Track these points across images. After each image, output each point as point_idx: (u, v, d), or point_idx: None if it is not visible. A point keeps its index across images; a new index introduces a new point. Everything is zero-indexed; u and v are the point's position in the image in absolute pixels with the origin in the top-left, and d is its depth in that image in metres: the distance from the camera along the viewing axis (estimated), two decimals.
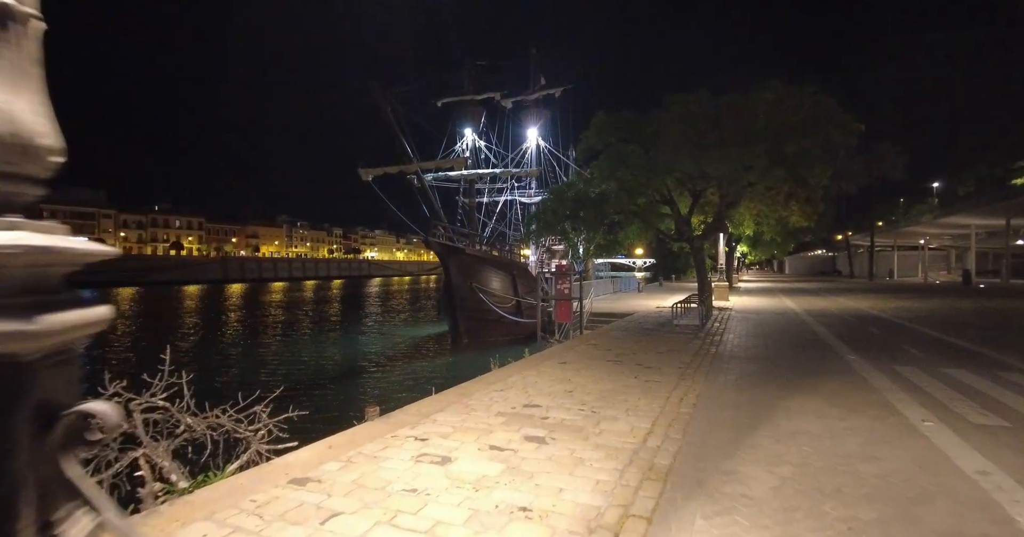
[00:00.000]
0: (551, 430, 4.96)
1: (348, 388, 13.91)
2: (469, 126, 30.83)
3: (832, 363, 8.42)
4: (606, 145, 16.94)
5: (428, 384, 13.20)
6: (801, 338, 11.50)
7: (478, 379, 7.35)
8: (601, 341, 11.21)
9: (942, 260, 63.14)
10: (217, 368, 17.06)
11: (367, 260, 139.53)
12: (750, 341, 11.06)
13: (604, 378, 7.30)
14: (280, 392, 5.97)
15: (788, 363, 8.49)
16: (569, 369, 8.01)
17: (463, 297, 24.53)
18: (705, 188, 18.06)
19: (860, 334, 12.09)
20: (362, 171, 24.04)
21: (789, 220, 25.79)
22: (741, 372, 7.76)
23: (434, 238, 23.65)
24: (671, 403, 5.94)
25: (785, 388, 6.65)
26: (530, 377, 7.44)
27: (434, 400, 6.25)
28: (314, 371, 16.63)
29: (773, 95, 13.58)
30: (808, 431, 4.86)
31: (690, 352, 9.57)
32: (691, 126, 15.13)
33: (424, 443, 4.66)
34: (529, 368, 8.13)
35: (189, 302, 47.05)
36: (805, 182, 18.51)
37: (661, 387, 6.73)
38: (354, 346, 22.58)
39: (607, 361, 8.68)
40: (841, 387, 6.68)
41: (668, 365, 8.26)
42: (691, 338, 11.50)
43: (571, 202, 16.14)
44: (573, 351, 9.82)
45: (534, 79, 36.78)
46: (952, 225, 41.10)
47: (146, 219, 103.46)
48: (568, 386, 6.84)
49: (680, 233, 18.02)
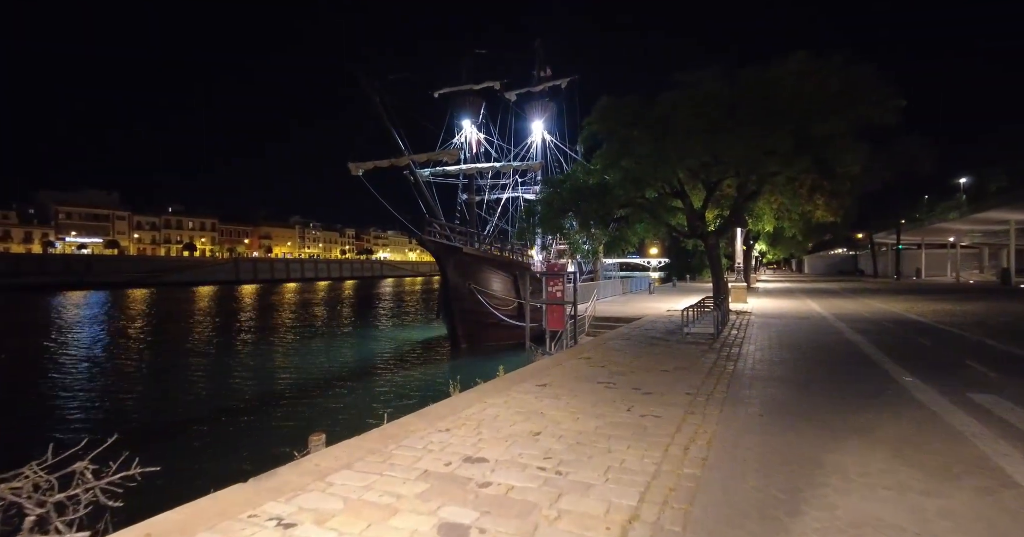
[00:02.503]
0: (485, 512, 3.29)
1: (304, 407, 12.25)
2: (468, 118, 29.18)
3: (884, 388, 6.62)
4: (610, 132, 15.23)
5: (404, 401, 11.59)
6: (836, 351, 9.66)
7: (425, 411, 5.72)
8: (597, 353, 9.50)
9: (973, 259, 60.13)
10: (144, 382, 15.52)
11: (379, 261, 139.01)
12: (774, 354, 9.27)
13: (588, 411, 5.61)
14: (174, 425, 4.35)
15: (826, 387, 6.71)
16: (547, 395, 6.33)
17: (461, 299, 22.98)
18: (720, 179, 16.25)
19: (906, 345, 10.21)
20: (352, 165, 22.59)
21: (813, 215, 23.85)
22: (766, 401, 6.01)
23: (429, 236, 22.11)
24: (671, 457, 4.23)
25: (829, 429, 4.90)
26: (492, 409, 5.78)
27: (350, 446, 4.62)
28: (273, 384, 14.99)
29: (798, 66, 11.72)
30: (882, 520, 3.13)
31: (702, 370, 7.83)
32: (704, 108, 13.35)
33: (286, 534, 3.04)
34: (496, 393, 6.47)
35: (190, 304, 46.17)
36: (832, 172, 16.61)
37: (661, 426, 5.03)
38: (340, 352, 21.10)
39: (597, 383, 6.98)
40: (909, 429, 4.91)
41: (673, 390, 6.54)
42: (704, 350, 9.74)
43: (568, 194, 14.41)
44: (560, 368, 8.13)
45: (539, 70, 35.08)
46: (988, 221, 38.52)
47: (159, 220, 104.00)
48: (537, 424, 5.17)
49: (693, 229, 16.22)
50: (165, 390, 14.56)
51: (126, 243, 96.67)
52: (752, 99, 12.27)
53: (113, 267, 78.61)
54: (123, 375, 16.32)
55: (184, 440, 10.01)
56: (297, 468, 4.14)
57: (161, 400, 13.37)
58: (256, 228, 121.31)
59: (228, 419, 11.38)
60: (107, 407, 12.50)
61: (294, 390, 14.09)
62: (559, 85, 34.52)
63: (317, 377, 15.97)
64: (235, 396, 13.59)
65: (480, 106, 29.63)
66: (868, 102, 11.45)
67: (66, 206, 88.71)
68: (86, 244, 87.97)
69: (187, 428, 10.71)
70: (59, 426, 10.82)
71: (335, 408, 12.03)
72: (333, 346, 22.43)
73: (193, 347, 22.01)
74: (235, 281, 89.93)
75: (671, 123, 13.80)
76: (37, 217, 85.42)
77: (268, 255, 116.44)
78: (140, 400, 13.36)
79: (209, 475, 7.53)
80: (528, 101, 34.83)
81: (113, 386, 14.84)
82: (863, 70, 11.51)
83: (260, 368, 17.54)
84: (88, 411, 12.13)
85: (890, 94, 11.56)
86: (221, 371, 17.01)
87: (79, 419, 11.44)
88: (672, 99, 13.89)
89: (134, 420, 11.61)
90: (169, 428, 10.87)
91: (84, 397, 13.43)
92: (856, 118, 11.67)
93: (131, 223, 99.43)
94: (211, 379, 15.81)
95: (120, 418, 11.55)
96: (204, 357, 19.73)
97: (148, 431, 10.77)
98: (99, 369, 17.26)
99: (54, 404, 12.64)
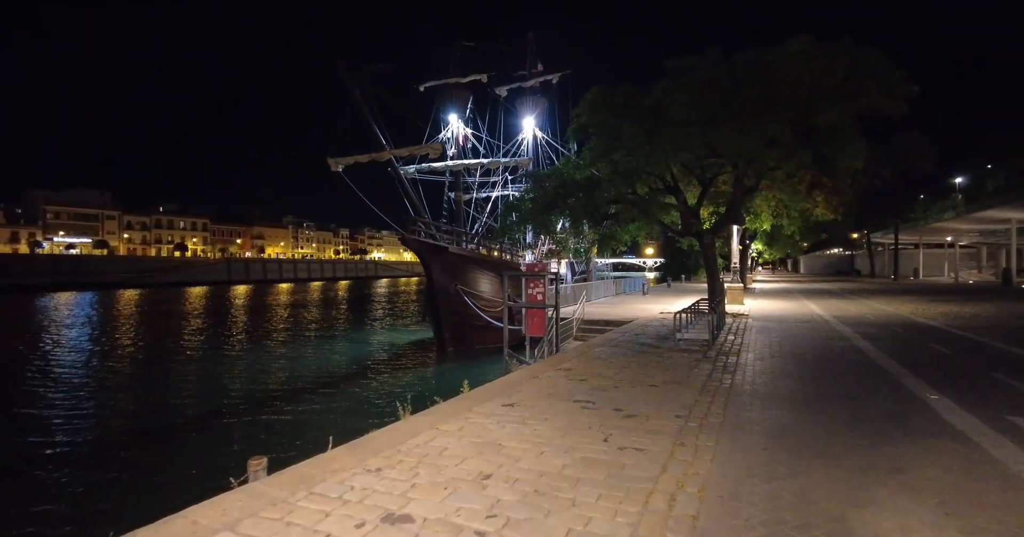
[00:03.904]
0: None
1: (260, 422, 11.17)
2: (455, 112, 28.12)
3: (908, 409, 5.67)
4: (600, 124, 14.27)
5: (365, 418, 10.39)
6: (845, 360, 8.71)
7: (359, 442, 4.73)
8: (579, 363, 8.54)
9: (971, 259, 59.49)
10: (98, 393, 14.30)
11: (374, 261, 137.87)
12: (777, 365, 8.32)
13: (556, 442, 4.64)
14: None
15: (840, 407, 5.75)
16: (511, 419, 5.36)
17: (447, 300, 22.04)
18: (716, 174, 15.32)
19: (922, 353, 9.28)
20: (331, 161, 21.56)
21: (813, 213, 22.94)
22: (770, 427, 5.05)
23: (413, 235, 21.14)
24: (652, 514, 3.26)
25: (852, 470, 3.94)
26: (442, 438, 4.80)
27: (250, 493, 3.64)
28: (233, 395, 13.89)
29: (800, 46, 10.76)
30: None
31: (695, 385, 6.86)
32: (699, 96, 12.40)
33: None
34: (453, 416, 5.49)
35: (176, 305, 45.01)
36: (832, 169, 15.73)
37: (642, 465, 4.06)
38: (318, 357, 20.09)
39: (574, 402, 6.01)
40: (953, 468, 3.95)
41: (661, 411, 5.58)
42: (698, 359, 8.78)
43: (553, 189, 13.42)
44: (535, 382, 7.16)
45: (531, 65, 34.12)
46: (988, 220, 37.74)
47: (150, 220, 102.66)
48: (490, 462, 4.19)
49: (687, 227, 15.27)
50: (116, 402, 13.52)
51: (116, 243, 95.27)
52: (751, 85, 11.31)
53: (102, 267, 77.33)
54: (71, 386, 15.22)
55: (113, 463, 8.99)
56: (165, 529, 3.16)
57: (108, 412, 12.34)
58: (249, 228, 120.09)
59: (172, 437, 10.39)
60: (32, 425, 11.40)
61: (255, 402, 13.07)
62: (551, 80, 33.59)
63: (283, 386, 14.94)
64: (188, 408, 12.60)
65: (467, 100, 28.59)
66: (877, 89, 10.48)
67: (55, 205, 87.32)
68: (75, 244, 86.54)
69: (122, 449, 9.72)
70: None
71: (290, 424, 11.00)
72: (312, 351, 21.42)
73: (161, 353, 20.93)
74: (227, 282, 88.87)
75: (665, 113, 12.86)
76: (25, 216, 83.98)
77: (261, 255, 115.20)
78: (87, 412, 12.31)
79: (127, 506, 6.54)
80: (519, 97, 33.88)
81: (59, 397, 13.77)
82: (871, 54, 10.55)
83: (226, 376, 16.51)
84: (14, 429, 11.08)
85: (900, 80, 10.61)
86: (182, 380, 16.00)
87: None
88: (666, 88, 12.93)
89: (73, 436, 10.58)
90: (103, 447, 9.86)
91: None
92: (863, 107, 10.72)
93: (121, 223, 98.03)
94: (168, 390, 14.72)
95: (42, 439, 10.49)
96: (169, 364, 18.67)
97: (84, 450, 9.76)
98: (46, 377, 16.15)
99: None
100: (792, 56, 10.81)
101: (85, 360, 19.09)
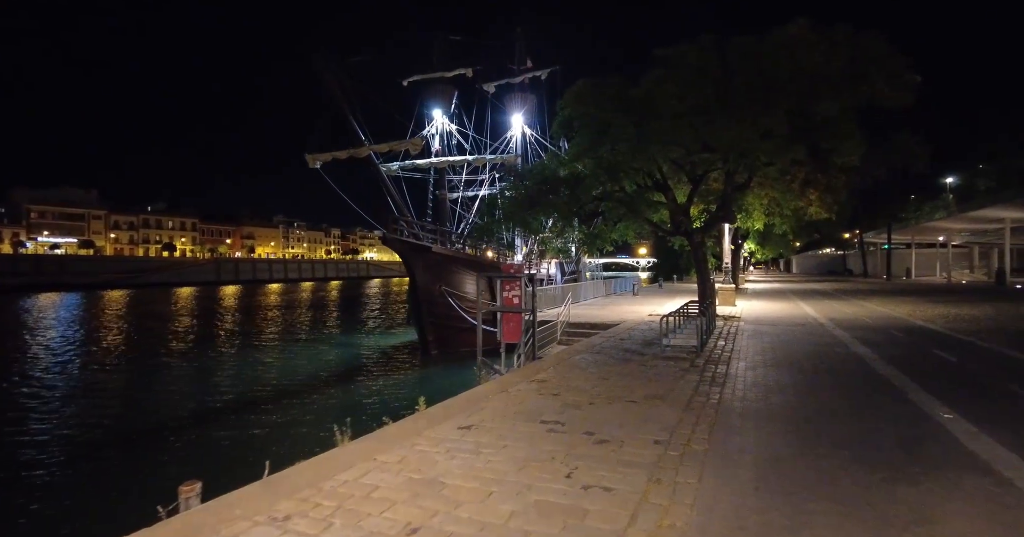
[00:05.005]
0: None
1: (209, 437, 10.33)
2: (439, 107, 27.26)
3: (921, 433, 4.96)
4: (586, 117, 13.55)
5: (304, 443, 9.49)
6: (845, 370, 8.02)
7: (275, 478, 3.96)
8: (556, 373, 7.80)
9: (963, 258, 59.28)
10: (58, 400, 13.42)
11: (366, 261, 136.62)
12: (770, 376, 7.61)
13: (509, 479, 3.89)
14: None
15: (843, 431, 5.03)
16: (464, 447, 4.60)
17: (431, 302, 21.30)
18: (707, 171, 14.64)
19: (926, 361, 8.61)
20: (309, 157, 20.74)
21: (806, 212, 22.30)
22: (763, 458, 4.32)
23: (394, 234, 20.38)
24: None
25: (864, 523, 3.21)
26: (376, 473, 4.04)
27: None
28: (193, 405, 13.07)
29: (798, 31, 10.05)
30: None
31: (679, 401, 6.14)
32: (690, 86, 11.69)
33: None
34: (398, 442, 4.73)
35: (161, 306, 43.95)
36: (827, 166, 15.10)
37: (607, 513, 3.32)
38: (294, 363, 19.26)
39: (541, 423, 5.27)
40: (992, 518, 3.23)
41: (638, 435, 4.84)
42: (684, 369, 8.06)
43: (535, 184, 12.67)
44: (502, 397, 6.41)
45: (520, 61, 33.37)
46: (981, 219, 37.36)
47: (138, 220, 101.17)
48: (425, 507, 3.44)
49: (676, 225, 14.58)
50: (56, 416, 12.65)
51: (102, 243, 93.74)
52: (746, 74, 10.60)
53: (88, 268, 76.01)
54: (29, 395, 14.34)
55: (29, 489, 8.15)
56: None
57: (42, 427, 11.47)
58: (239, 228, 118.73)
59: (102, 456, 9.56)
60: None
61: (208, 414, 12.28)
62: (540, 77, 32.87)
63: (245, 396, 14.06)
64: (134, 421, 11.83)
65: (452, 95, 27.76)
66: (879, 76, 9.77)
67: (39, 204, 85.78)
68: (59, 244, 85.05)
69: (46, 468, 8.89)
70: None
71: (240, 440, 10.16)
72: (286, 356, 20.57)
73: (124, 360, 19.97)
74: (216, 282, 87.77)
75: (654, 105, 12.14)
76: (8, 216, 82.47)
77: (251, 255, 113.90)
78: (17, 428, 11.44)
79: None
80: (508, 93, 33.11)
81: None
82: (872, 40, 9.83)
83: (187, 385, 15.70)
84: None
85: (904, 67, 9.91)
86: (137, 390, 15.15)
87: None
88: (656, 77, 12.22)
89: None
90: (24, 466, 9.02)
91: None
92: (865, 96, 10.03)
93: (107, 222, 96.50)
94: (116, 400, 13.93)
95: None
96: (129, 372, 17.77)
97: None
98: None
99: None
100: (789, 42, 10.10)
101: (31, 369, 18.07)
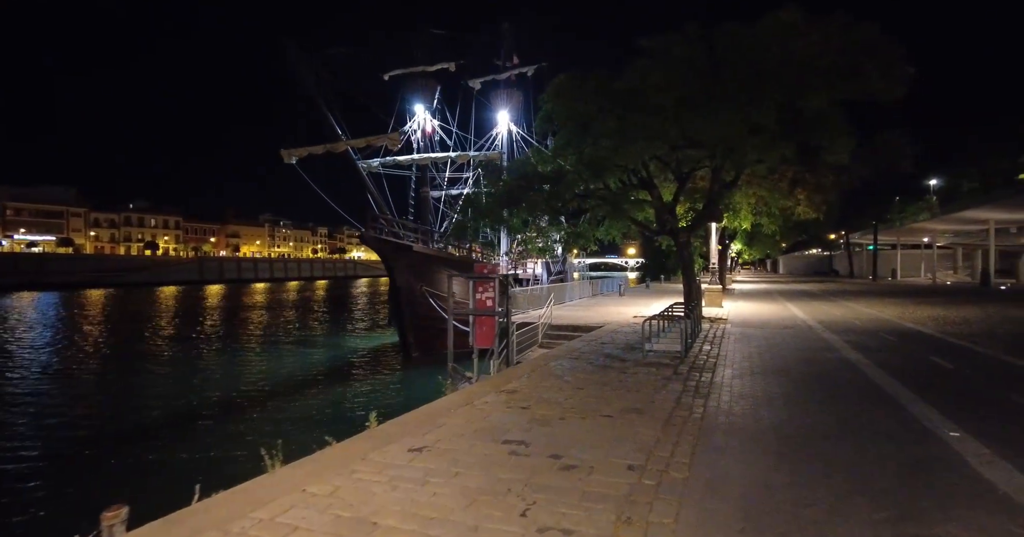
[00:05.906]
0: None
1: (149, 454, 9.60)
2: (421, 102, 26.59)
3: (927, 454, 4.44)
4: (568, 111, 12.99)
5: (279, 449, 8.81)
6: (837, 379, 7.52)
7: (178, 516, 3.33)
8: (528, 383, 7.22)
9: (947, 259, 59.73)
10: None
11: (353, 260, 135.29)
12: (758, 386, 7.09)
13: (454, 517, 3.29)
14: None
15: (842, 455, 4.49)
16: (409, 476, 3.99)
17: (412, 303, 20.66)
18: (694, 169, 14.16)
19: (922, 368, 8.15)
20: (284, 152, 20.00)
21: (794, 211, 21.99)
22: (751, 488, 3.77)
23: (373, 233, 19.71)
24: None
25: None
26: (300, 509, 3.42)
27: None
28: (135, 414, 12.34)
29: (790, 18, 9.55)
30: None
31: (659, 415, 5.59)
32: (676, 77, 11.17)
33: None
34: (337, 468, 4.11)
35: (139, 306, 42.79)
36: (816, 164, 14.70)
37: None
38: (267, 366, 18.51)
39: (503, 444, 4.68)
40: None
41: (609, 460, 4.27)
42: (667, 377, 7.52)
43: (515, 182, 12.09)
44: (464, 412, 5.82)
45: (506, 57, 32.79)
46: (966, 220, 37.45)
47: (119, 218, 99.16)
48: None
49: (662, 224, 14.08)
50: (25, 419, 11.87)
51: (82, 241, 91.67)
52: (734, 64, 10.10)
53: (67, 267, 74.24)
54: None
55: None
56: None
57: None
58: (223, 226, 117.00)
59: (42, 466, 8.84)
60: None
61: (159, 424, 11.55)
62: (526, 73, 32.29)
63: (202, 405, 13.28)
64: (76, 430, 11.04)
65: (435, 90, 27.09)
66: (873, 67, 9.31)
67: (15, 202, 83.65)
68: (37, 242, 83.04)
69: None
70: None
71: (183, 457, 9.33)
72: (258, 359, 19.79)
73: (82, 364, 19.05)
74: (199, 281, 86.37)
75: (638, 98, 11.61)
76: None
77: (236, 254, 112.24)
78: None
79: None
80: (493, 90, 32.50)
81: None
82: (868, 28, 9.36)
83: (142, 392, 14.88)
84: None
85: (898, 58, 9.47)
86: (98, 395, 14.43)
87: None
88: (641, 68, 11.69)
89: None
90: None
91: None
92: (857, 89, 9.57)
93: (87, 220, 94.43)
94: (70, 408, 13.11)
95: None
96: (93, 377, 16.96)
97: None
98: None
99: None
100: (780, 29, 9.61)
101: (21, 369, 17.21)
